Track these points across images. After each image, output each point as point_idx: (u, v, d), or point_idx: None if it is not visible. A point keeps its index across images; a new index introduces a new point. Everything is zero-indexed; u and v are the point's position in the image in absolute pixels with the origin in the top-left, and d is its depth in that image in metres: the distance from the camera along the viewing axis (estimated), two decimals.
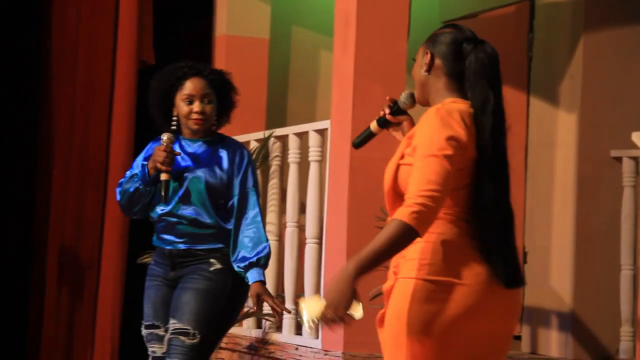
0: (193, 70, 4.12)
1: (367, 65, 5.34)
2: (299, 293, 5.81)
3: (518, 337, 6.28)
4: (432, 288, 2.75)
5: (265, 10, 6.79)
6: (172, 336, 3.95)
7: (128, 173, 4.12)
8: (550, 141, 6.22)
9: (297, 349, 5.61)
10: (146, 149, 4.20)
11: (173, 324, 3.95)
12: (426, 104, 2.97)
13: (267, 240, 4.08)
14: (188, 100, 4.07)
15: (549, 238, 6.16)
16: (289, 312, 4.54)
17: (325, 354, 5.33)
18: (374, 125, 3.21)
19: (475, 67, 2.87)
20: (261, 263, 4.01)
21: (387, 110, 3.13)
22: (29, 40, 6.71)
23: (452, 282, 2.75)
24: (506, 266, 2.78)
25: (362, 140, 3.26)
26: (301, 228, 5.80)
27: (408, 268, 2.79)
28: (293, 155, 5.88)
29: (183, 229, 4.03)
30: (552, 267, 6.13)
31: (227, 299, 4.03)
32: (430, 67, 2.92)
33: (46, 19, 6.62)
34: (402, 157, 2.87)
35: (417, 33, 6.69)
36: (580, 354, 5.92)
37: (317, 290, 5.56)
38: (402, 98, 3.14)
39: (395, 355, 2.78)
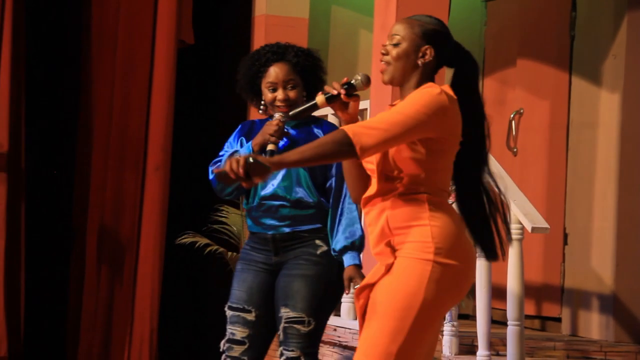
0: (276, 55, 4.06)
1: None
2: None
3: (558, 319, 6.24)
4: (443, 270, 3.04)
5: None
6: (286, 325, 3.92)
7: (223, 153, 4.08)
8: (592, 121, 6.15)
9: (335, 329, 5.60)
10: (237, 130, 4.15)
11: (286, 312, 3.92)
12: (398, 84, 3.19)
13: (360, 221, 4.02)
14: (271, 88, 4.02)
15: (590, 219, 6.10)
16: None
17: None
18: (321, 100, 3.23)
19: (469, 77, 3.18)
20: (356, 245, 3.97)
21: (343, 90, 3.20)
22: (69, 20, 6.74)
23: (456, 265, 3.06)
24: (490, 243, 3.16)
25: (301, 111, 3.29)
26: None
27: (416, 249, 3.05)
28: None
29: (286, 211, 3.98)
30: (593, 248, 6.07)
31: (335, 282, 4.00)
32: (428, 61, 3.15)
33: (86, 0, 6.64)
34: None
35: (458, 11, 6.65)
36: (622, 336, 5.86)
37: None
38: (359, 79, 3.22)
39: (398, 325, 3.02)
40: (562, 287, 6.26)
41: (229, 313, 4.03)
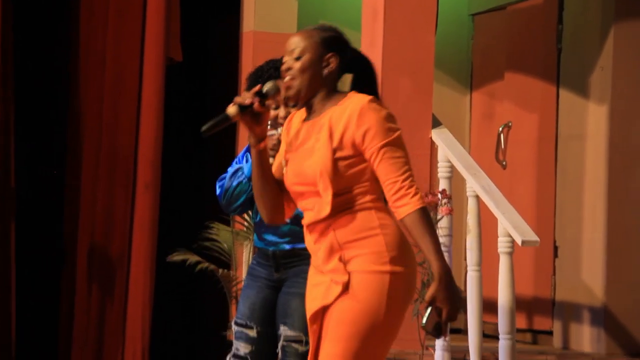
0: (279, 71, 4.05)
1: (395, 58, 5.32)
2: None
3: (549, 332, 6.24)
4: (400, 279, 3.00)
5: (292, 5, 6.76)
6: (285, 343, 3.89)
7: (230, 169, 4.06)
8: (580, 133, 6.16)
9: None
10: (245, 148, 4.13)
11: (284, 330, 3.88)
12: (305, 99, 3.11)
13: None
14: (274, 106, 4.00)
15: (580, 231, 6.11)
16: None
17: None
18: (233, 111, 3.10)
19: (370, 80, 3.16)
20: None
21: (256, 100, 3.12)
22: (57, 38, 6.73)
23: (407, 271, 3.02)
24: None
25: (213, 125, 3.12)
26: None
27: (371, 262, 2.99)
28: None
29: (286, 228, 3.92)
30: (584, 260, 6.08)
31: None
32: (333, 70, 3.10)
33: (74, 17, 6.64)
34: (334, 152, 3.03)
35: (445, 25, 6.67)
36: (613, 349, 5.86)
37: None
38: (270, 89, 3.14)
39: (365, 344, 2.97)
40: (553, 300, 6.25)
41: (234, 328, 4.03)
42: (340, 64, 3.11)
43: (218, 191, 4.02)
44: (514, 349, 4.91)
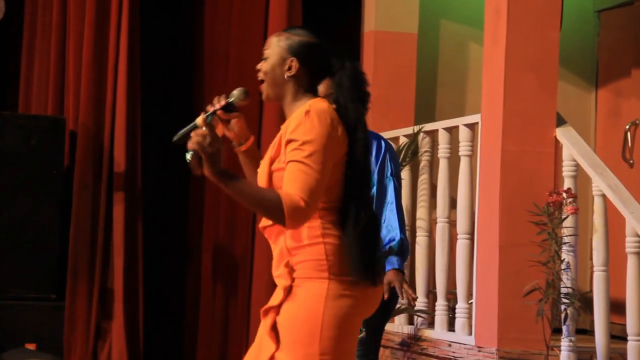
0: None
1: (519, 56, 5.25)
2: (450, 289, 5.76)
3: None
4: (341, 286, 3.00)
5: (413, 4, 6.75)
6: None
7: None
8: None
9: (449, 345, 5.56)
10: None
11: None
12: (276, 100, 3.15)
13: (399, 227, 4.04)
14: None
15: None
16: (416, 298, 4.50)
17: (479, 350, 5.26)
18: (200, 120, 3.12)
19: (348, 86, 3.09)
20: (394, 251, 3.98)
21: (219, 106, 3.16)
22: (181, 40, 6.83)
23: (348, 280, 3.01)
24: (373, 268, 3.05)
25: (184, 134, 3.12)
26: (452, 223, 5.74)
27: (311, 268, 3.01)
28: (443, 151, 5.82)
29: None
30: None
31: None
32: (295, 74, 3.10)
33: (198, 21, 6.75)
34: (272, 162, 3.05)
35: (571, 22, 6.56)
36: None
37: (469, 286, 5.50)
38: (237, 96, 3.16)
39: (308, 351, 2.98)
40: None
41: None
42: (307, 69, 3.10)
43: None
44: None
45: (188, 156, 2.91)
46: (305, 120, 3.00)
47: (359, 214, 3.04)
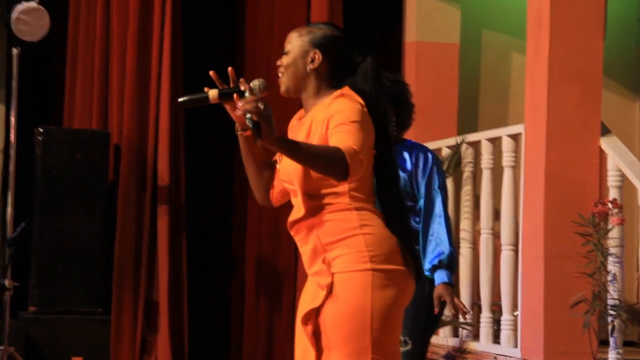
0: (394, 84, 4.08)
1: (562, 66, 5.22)
2: (495, 301, 5.72)
3: None
4: (385, 276, 2.98)
5: (455, 14, 6.73)
6: None
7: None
8: None
9: (495, 358, 5.52)
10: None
11: None
12: (295, 93, 3.13)
13: (449, 240, 4.03)
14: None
15: None
16: (467, 312, 4.48)
17: None
18: (213, 95, 3.13)
19: (373, 77, 3.09)
20: (444, 264, 3.97)
21: (238, 89, 3.11)
22: (222, 48, 6.85)
23: (395, 268, 2.99)
24: (416, 262, 3.06)
25: (190, 100, 3.15)
26: (496, 235, 5.71)
27: (352, 261, 2.98)
28: (486, 161, 5.80)
29: None
30: None
31: (427, 301, 4.00)
32: (318, 67, 3.09)
33: (240, 30, 6.78)
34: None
35: (615, 30, 6.50)
36: None
37: (514, 298, 5.46)
38: (258, 86, 3.12)
39: (359, 345, 2.95)
40: None
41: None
42: (330, 62, 3.09)
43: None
44: None
45: (248, 122, 2.86)
46: (343, 100, 3.00)
47: (393, 206, 3.05)
